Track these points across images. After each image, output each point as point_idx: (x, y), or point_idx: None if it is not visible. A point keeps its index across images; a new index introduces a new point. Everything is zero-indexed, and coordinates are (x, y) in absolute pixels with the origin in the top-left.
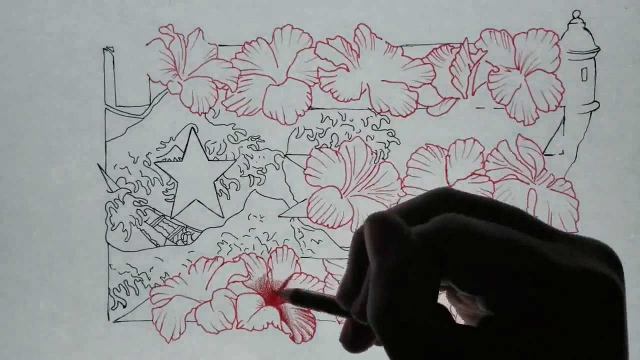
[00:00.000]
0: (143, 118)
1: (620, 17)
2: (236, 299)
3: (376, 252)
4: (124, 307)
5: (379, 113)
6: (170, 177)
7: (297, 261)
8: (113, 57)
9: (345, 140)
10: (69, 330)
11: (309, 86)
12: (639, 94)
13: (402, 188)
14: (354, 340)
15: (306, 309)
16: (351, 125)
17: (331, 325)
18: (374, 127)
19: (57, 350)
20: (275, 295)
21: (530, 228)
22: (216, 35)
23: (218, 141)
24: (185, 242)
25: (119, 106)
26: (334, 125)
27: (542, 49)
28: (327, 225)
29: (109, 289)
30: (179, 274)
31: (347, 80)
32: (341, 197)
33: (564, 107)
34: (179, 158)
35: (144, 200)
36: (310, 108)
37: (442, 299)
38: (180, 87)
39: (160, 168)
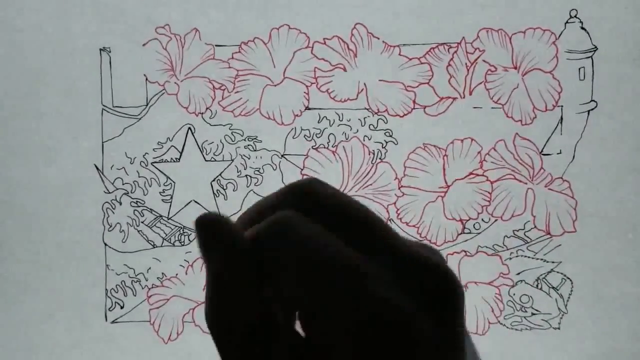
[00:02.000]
0: (140, 118)
1: (618, 16)
2: None
3: (202, 256)
4: (122, 307)
5: (376, 113)
6: (168, 177)
7: None
8: (110, 57)
9: (342, 141)
10: (67, 331)
11: (306, 86)
12: (637, 93)
13: (399, 188)
14: None
15: None
16: (348, 125)
17: None
18: (371, 127)
19: (55, 350)
20: None
21: (368, 239)
22: (213, 35)
23: (215, 141)
24: (182, 243)
25: (116, 107)
26: (331, 126)
27: (540, 49)
28: None
29: (106, 289)
30: (177, 274)
31: (344, 80)
32: None
33: (562, 106)
34: (176, 158)
35: (141, 201)
36: (307, 108)
37: None
38: (177, 88)
39: (157, 168)
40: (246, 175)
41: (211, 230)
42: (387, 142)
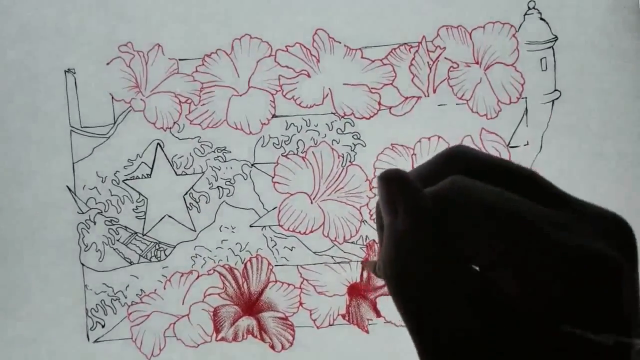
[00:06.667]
0: (109, 137)
1: (576, 4)
2: (213, 311)
3: (386, 211)
4: (103, 326)
5: (342, 116)
6: (140, 194)
7: (271, 269)
8: (75, 78)
9: (311, 146)
10: (50, 354)
11: (272, 94)
12: (600, 80)
13: (370, 189)
14: None
15: (283, 317)
16: (316, 131)
17: (310, 331)
18: (339, 131)
19: None
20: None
21: (540, 194)
22: (176, 49)
23: (185, 155)
24: (159, 258)
25: (84, 127)
26: (299, 132)
27: (500, 42)
28: (299, 231)
29: (86, 309)
30: (155, 290)
31: (309, 86)
32: (311, 203)
33: (526, 98)
34: (147, 174)
35: (115, 219)
36: (274, 116)
37: None
38: (143, 104)
39: (129, 186)
40: (218, 187)
41: (399, 186)
42: (355, 145)
